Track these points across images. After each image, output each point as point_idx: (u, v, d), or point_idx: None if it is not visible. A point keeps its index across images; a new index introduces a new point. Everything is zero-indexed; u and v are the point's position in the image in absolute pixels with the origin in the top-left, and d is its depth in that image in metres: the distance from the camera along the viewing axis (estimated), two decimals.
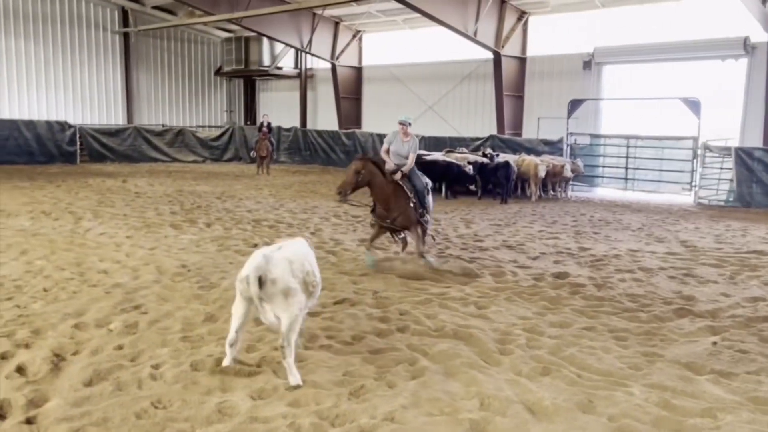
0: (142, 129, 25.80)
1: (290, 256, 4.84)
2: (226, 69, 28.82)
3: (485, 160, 16.68)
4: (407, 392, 4.54)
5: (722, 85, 17.07)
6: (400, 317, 6.35)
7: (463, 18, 18.58)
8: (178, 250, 9.40)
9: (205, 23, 24.97)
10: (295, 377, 4.62)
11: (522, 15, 20.35)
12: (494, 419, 4.18)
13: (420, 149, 19.27)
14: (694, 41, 17.05)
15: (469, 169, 16.19)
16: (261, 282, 4.54)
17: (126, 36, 27.29)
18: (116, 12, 26.89)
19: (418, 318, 6.29)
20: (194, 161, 26.35)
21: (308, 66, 28.16)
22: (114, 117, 27.62)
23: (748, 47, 16.24)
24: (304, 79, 28.16)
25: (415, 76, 24.17)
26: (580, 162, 17.34)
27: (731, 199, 15.69)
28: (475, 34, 18.93)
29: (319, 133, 25.84)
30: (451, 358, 5.21)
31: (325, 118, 27.81)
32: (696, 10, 17.26)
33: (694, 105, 16.06)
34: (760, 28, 14.98)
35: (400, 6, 20.37)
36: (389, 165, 8.51)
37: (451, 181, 16.34)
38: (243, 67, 27.94)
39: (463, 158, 17.05)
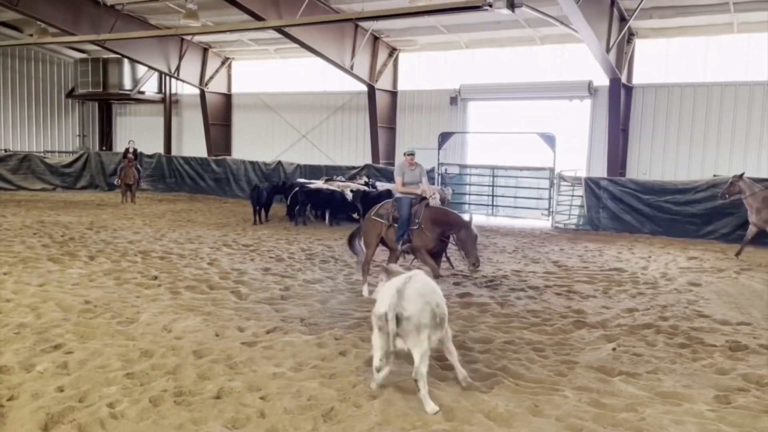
0: None
1: (422, 290, 4.99)
2: (81, 91, 27.03)
3: (366, 188, 17.30)
4: (375, 411, 4.80)
5: (572, 121, 19.21)
6: (337, 342, 6.56)
7: (340, 52, 19.24)
8: (71, 285, 8.84)
9: (59, 43, 23.33)
10: (430, 406, 4.79)
11: (393, 51, 21.46)
12: (463, 428, 4.58)
13: (299, 178, 19.76)
14: (547, 83, 19.11)
15: (350, 197, 16.70)
16: (398, 320, 4.72)
17: None
18: None
19: (355, 342, 6.54)
20: (43, 189, 24.35)
21: (174, 91, 27.28)
22: None
23: (591, 90, 18.49)
24: (168, 104, 27.21)
25: (287, 104, 24.39)
26: (448, 190, 18.43)
27: (581, 223, 17.58)
28: (352, 67, 19.65)
29: (186, 159, 25.06)
30: (401, 376, 5.54)
31: (191, 144, 27.02)
32: (549, 55, 19.37)
33: (549, 139, 17.87)
34: (602, 73, 17.15)
35: (272, 35, 20.66)
36: (425, 193, 9.27)
37: (334, 208, 16.72)
38: (100, 90, 26.37)
39: (345, 186, 17.52)
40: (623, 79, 17.41)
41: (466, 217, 9.24)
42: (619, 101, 17.37)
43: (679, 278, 10.73)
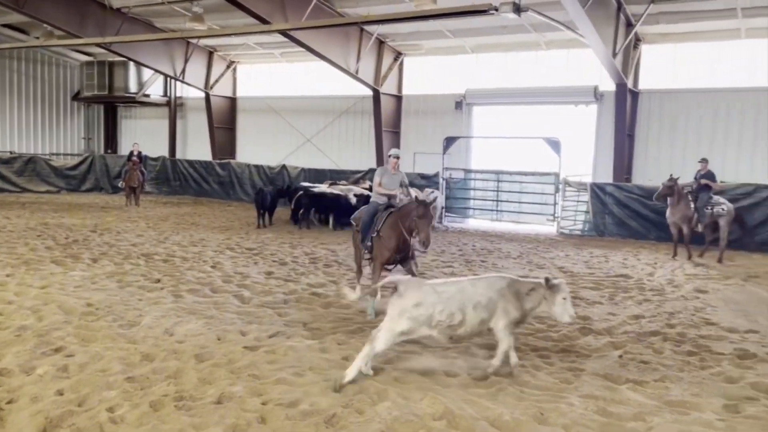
0: None
1: (442, 289, 5.64)
2: (86, 94, 27.07)
3: (370, 192, 17.22)
4: (379, 417, 4.73)
5: (578, 127, 19.13)
6: (340, 347, 6.50)
7: (345, 56, 19.22)
8: (74, 288, 8.80)
9: (65, 45, 23.38)
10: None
11: (398, 56, 21.43)
12: None
13: (303, 182, 19.71)
14: (553, 87, 19.03)
15: (354, 201, 16.63)
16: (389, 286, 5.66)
17: None
18: None
19: (358, 347, 6.45)
20: (48, 191, 24.37)
21: (178, 94, 27.31)
22: None
23: (597, 95, 18.41)
24: (173, 107, 27.23)
25: (292, 108, 24.37)
26: (433, 195, 18.11)
27: (587, 229, 17.49)
28: (357, 71, 19.63)
29: (191, 162, 25.07)
30: (405, 382, 5.48)
31: (195, 147, 27.03)
32: (555, 60, 19.29)
33: (554, 144, 17.79)
34: (608, 78, 17.08)
35: (278, 39, 20.67)
36: (401, 198, 8.66)
37: (338, 212, 16.65)
38: (106, 92, 26.42)
39: (348, 190, 17.47)
40: (629, 85, 17.34)
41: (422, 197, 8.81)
42: (625, 106, 17.30)
43: (686, 285, 10.63)
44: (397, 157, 8.69)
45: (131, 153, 21.18)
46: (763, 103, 16.53)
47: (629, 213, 16.45)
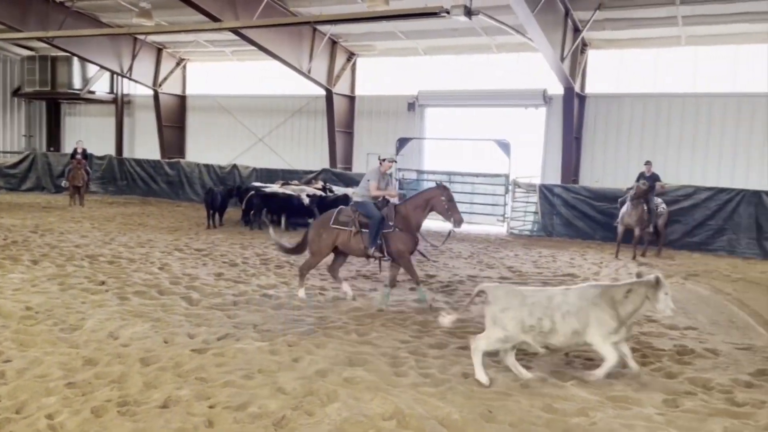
0: None
1: (529, 295, 5.76)
2: (27, 90, 26.10)
3: (322, 192, 17.17)
4: (328, 419, 4.72)
5: (528, 129, 19.51)
6: (290, 348, 6.45)
7: (298, 56, 19.10)
8: (12, 291, 8.46)
9: (5, 39, 22.49)
10: (478, 373, 5.60)
11: (351, 56, 21.42)
12: None
13: (254, 182, 19.47)
14: (503, 90, 19.36)
15: (307, 201, 16.53)
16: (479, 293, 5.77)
17: None
18: None
19: (309, 348, 6.43)
20: None
21: (125, 91, 26.61)
22: None
23: (546, 98, 18.83)
24: (120, 104, 26.53)
25: (244, 107, 24.07)
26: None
27: (536, 229, 17.84)
28: (309, 71, 19.55)
29: (138, 162, 24.44)
30: (356, 383, 5.47)
31: (143, 146, 26.40)
32: (505, 63, 19.63)
33: (504, 146, 18.10)
34: (556, 81, 17.47)
35: (229, 37, 20.38)
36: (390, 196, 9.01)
37: (291, 213, 16.53)
38: (48, 88, 25.52)
39: (300, 190, 17.35)
40: (577, 89, 17.78)
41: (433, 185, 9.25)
42: (573, 110, 17.73)
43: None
44: (394, 161, 9.24)
45: (75, 151, 20.52)
46: (703, 108, 17.21)
47: (576, 214, 16.85)
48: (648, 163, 14.49)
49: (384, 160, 9.05)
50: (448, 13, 12.05)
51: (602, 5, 15.69)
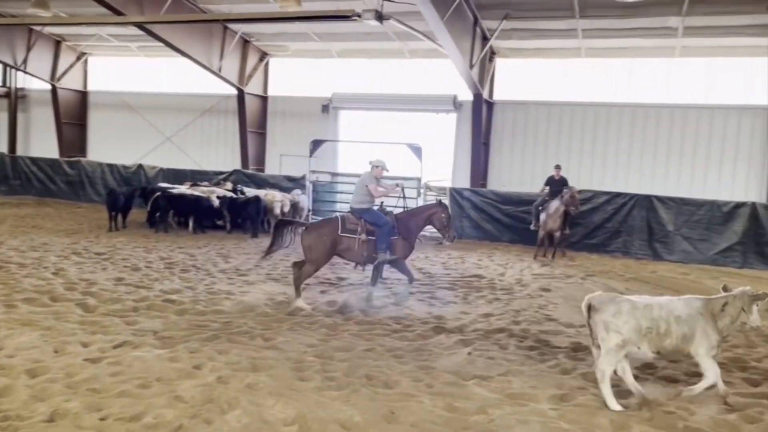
0: None
1: (637, 299, 5.70)
2: None
3: (233, 194, 16.79)
4: (228, 426, 4.62)
5: (439, 133, 19.92)
6: (192, 355, 6.26)
7: (208, 53, 18.61)
8: None
9: None
10: (611, 403, 5.37)
11: (264, 56, 21.11)
12: None
13: (159, 182, 18.78)
14: (416, 95, 19.70)
15: (216, 203, 16.12)
16: (589, 309, 5.66)
17: None
18: None
19: (211, 354, 6.27)
20: None
21: (20, 85, 24.97)
22: None
23: (456, 104, 19.30)
24: (14, 99, 24.86)
25: (151, 105, 23.17)
26: (302, 197, 18.11)
27: None
28: (220, 69, 19.09)
29: (34, 160, 22.98)
30: (258, 389, 5.38)
31: (40, 144, 24.87)
32: (418, 69, 19.98)
33: (416, 150, 18.35)
34: (466, 88, 17.94)
35: (134, 32, 19.57)
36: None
37: (199, 215, 16.06)
38: None
39: (210, 192, 16.88)
40: (485, 95, 18.33)
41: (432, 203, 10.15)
42: (481, 116, 18.26)
43: (533, 284, 11.39)
44: (386, 169, 9.67)
45: None
46: (602, 117, 18.19)
47: (485, 216, 17.33)
48: (557, 167, 15.13)
49: (376, 166, 9.50)
50: (359, 16, 12.11)
51: (509, 16, 16.27)
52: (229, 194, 16.70)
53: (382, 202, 9.78)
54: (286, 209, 16.86)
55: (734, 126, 17.07)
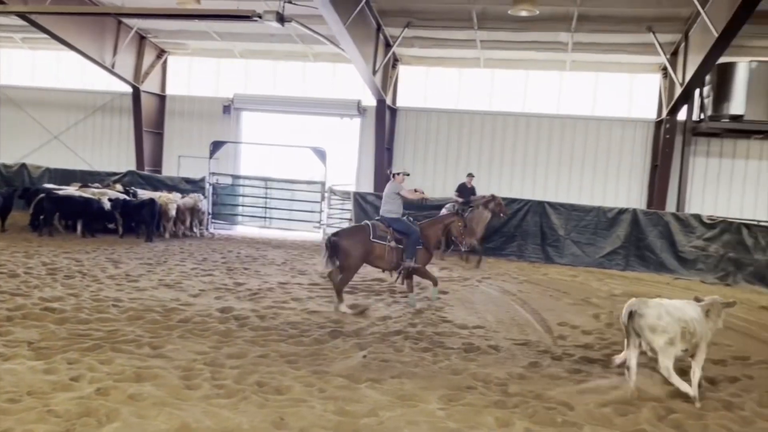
0: None
1: (663, 302, 6.11)
2: None
3: (125, 196, 16.04)
4: None
5: (344, 138, 19.98)
6: (70, 366, 5.89)
7: (100, 48, 17.70)
8: None
9: None
10: (686, 388, 5.87)
11: (162, 53, 20.36)
12: None
13: (45, 183, 17.62)
14: (320, 99, 19.67)
15: (108, 205, 15.34)
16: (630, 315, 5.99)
17: None
18: None
19: (91, 365, 5.93)
20: None
21: None
22: None
23: (360, 109, 19.44)
24: None
25: (36, 101, 21.73)
26: (200, 197, 17.63)
27: None
28: (113, 66, 18.20)
29: None
30: (141, 399, 5.15)
31: None
32: (322, 72, 19.95)
33: (321, 154, 18.31)
34: (370, 93, 18.10)
35: (17, 22, 18.29)
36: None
37: (88, 218, 15.21)
38: None
39: (101, 194, 16.04)
40: (388, 101, 18.59)
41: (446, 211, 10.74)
42: (385, 121, 18.49)
43: (431, 287, 11.60)
44: (407, 174, 10.34)
45: None
46: (499, 126, 18.90)
47: None
48: (470, 175, 15.57)
49: (397, 174, 10.10)
50: (260, 17, 11.93)
51: (411, 24, 16.59)
52: (122, 196, 15.94)
53: (405, 214, 10.17)
54: (172, 212, 16.29)
55: (618, 137, 18.26)
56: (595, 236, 15.42)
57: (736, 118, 16.21)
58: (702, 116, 17.09)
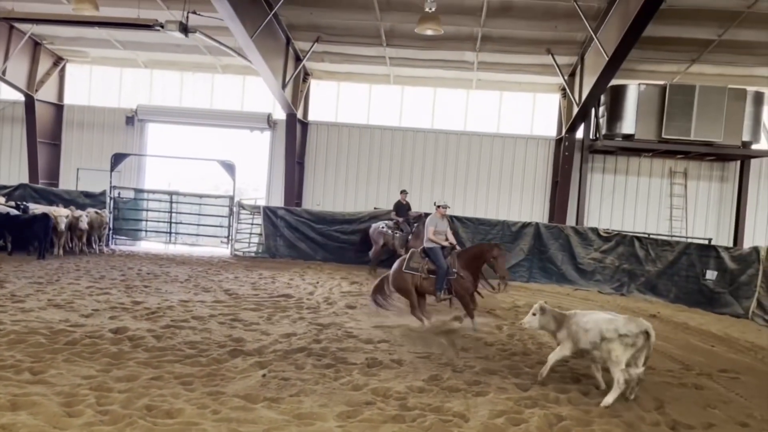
0: None
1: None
2: None
3: (15, 211, 15.05)
4: None
5: (254, 151, 19.68)
6: None
7: None
8: None
9: None
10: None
11: (59, 60, 19.35)
12: None
13: None
14: (229, 111, 19.33)
15: None
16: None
17: None
18: None
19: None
20: None
21: None
22: None
23: (271, 122, 19.23)
24: None
25: None
26: (105, 212, 16.94)
27: (260, 251, 17.97)
28: (4, 72, 17.11)
29: None
30: (14, 430, 4.79)
31: None
32: (231, 85, 19.61)
33: (229, 167, 17.94)
34: (279, 107, 17.94)
35: None
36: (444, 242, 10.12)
37: None
38: None
39: None
40: (299, 115, 18.50)
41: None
42: (295, 135, 18.37)
43: (339, 302, 11.57)
44: (447, 207, 10.44)
45: None
46: (408, 141, 19.22)
47: (299, 235, 17.38)
48: (404, 191, 15.74)
49: (439, 206, 10.35)
50: (162, 27, 11.57)
51: (320, 38, 16.62)
52: (12, 211, 14.94)
53: (450, 244, 10.18)
54: (83, 226, 15.50)
55: (521, 154, 19.00)
56: None
57: (628, 137, 17.25)
58: (598, 135, 18.08)
